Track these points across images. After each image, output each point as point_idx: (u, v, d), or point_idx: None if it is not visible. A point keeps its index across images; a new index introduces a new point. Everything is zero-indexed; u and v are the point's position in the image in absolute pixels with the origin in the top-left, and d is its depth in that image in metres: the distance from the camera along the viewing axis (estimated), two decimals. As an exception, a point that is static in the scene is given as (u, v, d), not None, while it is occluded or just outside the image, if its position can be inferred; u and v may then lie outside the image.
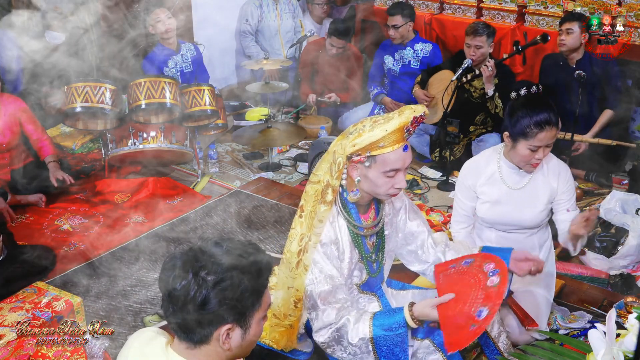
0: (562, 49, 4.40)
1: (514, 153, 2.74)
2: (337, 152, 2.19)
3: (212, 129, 4.81)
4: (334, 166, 2.19)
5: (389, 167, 2.16)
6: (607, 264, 3.43)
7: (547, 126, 2.62)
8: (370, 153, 2.15)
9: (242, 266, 1.53)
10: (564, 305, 3.07)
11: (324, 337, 2.20)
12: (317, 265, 2.22)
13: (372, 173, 2.19)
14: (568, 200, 2.80)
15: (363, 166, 2.19)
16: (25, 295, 2.65)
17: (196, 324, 1.51)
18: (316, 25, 6.22)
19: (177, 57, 4.95)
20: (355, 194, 2.25)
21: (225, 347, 1.55)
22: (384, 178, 2.19)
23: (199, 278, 1.49)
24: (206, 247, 1.56)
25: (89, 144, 4.87)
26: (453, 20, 5.44)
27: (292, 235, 2.32)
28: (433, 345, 2.29)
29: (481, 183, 2.84)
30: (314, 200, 2.24)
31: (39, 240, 3.68)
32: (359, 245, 2.32)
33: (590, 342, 1.56)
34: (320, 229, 2.23)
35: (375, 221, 2.36)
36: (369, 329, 2.14)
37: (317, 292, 2.20)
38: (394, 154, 2.15)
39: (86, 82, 4.17)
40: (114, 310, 3.11)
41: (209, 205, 4.14)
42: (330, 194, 2.21)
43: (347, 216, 2.29)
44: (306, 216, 2.26)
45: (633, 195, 3.69)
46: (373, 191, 2.24)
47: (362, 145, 2.13)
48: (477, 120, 4.68)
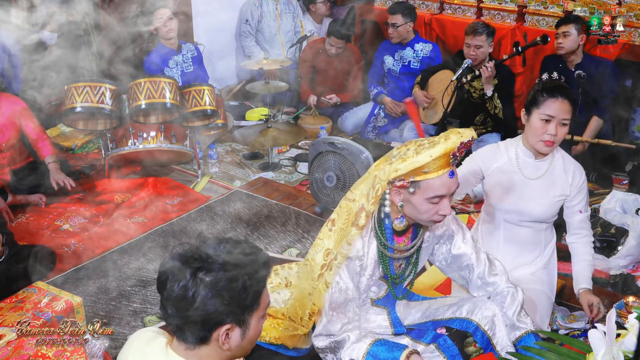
0: (561, 52, 4.40)
1: (529, 130, 2.72)
2: (378, 177, 2.13)
3: (212, 129, 4.81)
4: (372, 191, 2.14)
5: (433, 193, 2.09)
6: (607, 264, 3.43)
7: (559, 94, 2.63)
8: (414, 178, 2.08)
9: (240, 266, 1.52)
10: (564, 305, 3.07)
11: (323, 343, 2.21)
12: (335, 279, 2.22)
13: (416, 199, 2.12)
14: (580, 200, 2.80)
15: (406, 192, 2.12)
16: (25, 295, 2.65)
17: (195, 325, 1.51)
18: (316, 25, 6.22)
19: (178, 57, 4.96)
20: (401, 221, 2.20)
21: (225, 348, 1.54)
22: (428, 204, 2.12)
23: (197, 279, 1.48)
24: (204, 247, 1.55)
25: (89, 144, 4.87)
26: (453, 20, 5.44)
27: (317, 245, 2.30)
28: (438, 350, 2.30)
29: (495, 169, 2.82)
30: (346, 219, 2.21)
31: (39, 240, 3.68)
32: (384, 264, 2.28)
33: (590, 342, 1.56)
34: (347, 251, 2.19)
35: (408, 245, 2.30)
36: (363, 353, 2.14)
37: (329, 299, 2.20)
38: (438, 180, 2.08)
39: (86, 82, 4.17)
40: (114, 310, 3.11)
41: (209, 205, 4.14)
42: (363, 219, 2.17)
43: (380, 235, 2.24)
44: (336, 231, 2.25)
45: (633, 195, 3.69)
46: (415, 217, 2.19)
47: (406, 171, 2.07)
48: (477, 120, 4.68)
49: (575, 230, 2.85)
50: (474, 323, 2.34)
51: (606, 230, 3.58)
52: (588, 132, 4.38)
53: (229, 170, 4.76)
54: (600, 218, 3.66)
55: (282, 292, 2.54)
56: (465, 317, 2.37)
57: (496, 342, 2.35)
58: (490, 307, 2.36)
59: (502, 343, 2.36)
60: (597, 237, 3.55)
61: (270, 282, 2.60)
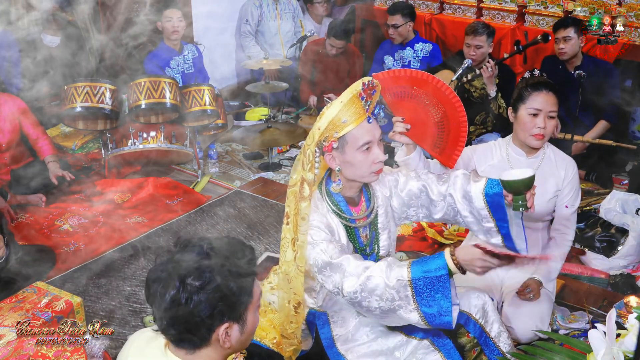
0: (564, 57, 4.34)
1: (518, 126, 2.76)
2: (306, 144, 2.20)
3: (212, 129, 4.81)
4: (305, 159, 2.20)
5: (360, 142, 2.18)
6: (607, 264, 3.43)
7: (543, 88, 2.69)
8: (338, 134, 2.17)
9: (227, 263, 1.51)
10: (564, 305, 3.07)
11: (354, 286, 2.03)
12: (317, 242, 2.17)
13: (348, 155, 2.19)
14: (568, 193, 2.81)
15: (337, 153, 2.20)
16: (25, 295, 2.65)
17: (194, 331, 1.51)
18: (316, 25, 6.22)
19: (180, 58, 4.96)
20: (338, 183, 2.26)
21: (226, 346, 1.54)
22: (360, 154, 2.19)
23: (186, 285, 1.47)
24: (185, 252, 1.53)
25: (89, 144, 4.87)
26: (453, 20, 5.44)
27: (284, 246, 2.28)
28: (432, 345, 2.29)
29: (488, 167, 2.84)
30: (295, 201, 2.23)
31: (39, 240, 3.68)
32: (352, 239, 2.32)
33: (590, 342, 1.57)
34: (305, 227, 2.20)
35: (366, 212, 2.34)
36: (407, 272, 2.00)
37: (328, 254, 2.11)
38: (360, 128, 2.18)
39: (86, 82, 4.17)
40: (114, 310, 3.11)
41: (209, 205, 4.14)
42: (307, 189, 2.20)
43: (337, 210, 2.29)
44: (292, 221, 2.24)
45: (633, 195, 3.68)
46: (356, 174, 2.24)
47: (326, 125, 2.15)
48: (477, 120, 4.68)
49: (556, 226, 2.87)
50: (465, 314, 2.33)
51: (606, 230, 3.58)
52: (593, 133, 4.36)
53: (229, 170, 4.76)
54: (600, 218, 3.66)
55: (279, 292, 2.54)
56: None
57: (489, 330, 2.36)
58: (480, 296, 2.37)
59: (496, 330, 2.36)
60: (597, 237, 3.55)
61: (270, 282, 2.60)
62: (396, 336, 2.33)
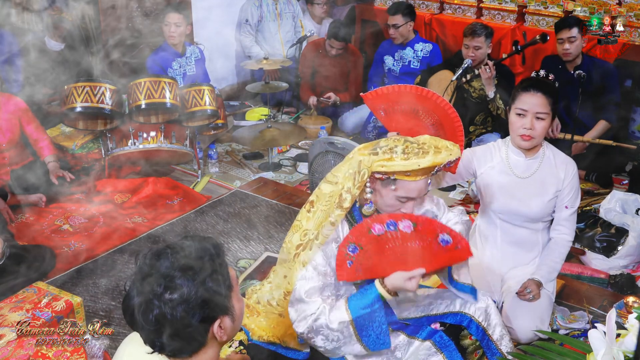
0: (568, 58, 4.31)
1: (509, 126, 2.78)
2: (363, 163, 2.17)
3: (212, 129, 4.80)
4: (358, 176, 2.18)
5: (405, 194, 2.18)
6: (607, 264, 3.43)
7: (532, 89, 2.69)
8: (395, 176, 2.16)
9: (199, 265, 1.50)
10: (564, 305, 3.07)
11: (303, 327, 2.18)
12: (311, 263, 2.22)
13: (387, 192, 2.20)
14: (568, 194, 2.81)
15: (380, 183, 2.20)
16: (25, 295, 2.65)
17: (191, 339, 1.51)
18: (316, 25, 6.22)
19: (182, 60, 4.96)
20: (370, 207, 2.25)
21: (223, 339, 1.57)
22: (396, 201, 2.21)
23: (166, 301, 1.45)
24: (153, 267, 1.49)
25: (89, 144, 4.87)
26: (453, 20, 5.44)
27: (295, 227, 2.31)
28: (434, 347, 2.29)
29: (488, 168, 2.85)
30: (328, 201, 2.23)
31: (39, 240, 3.68)
32: None
33: (590, 342, 1.57)
34: (330, 232, 2.22)
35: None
36: (346, 312, 2.14)
37: (306, 288, 2.19)
38: (415, 184, 2.17)
39: (86, 82, 4.17)
40: (114, 310, 3.11)
41: (209, 205, 4.14)
42: (348, 202, 2.20)
43: (351, 220, 2.29)
44: (315, 213, 2.25)
45: (633, 195, 3.69)
46: (379, 206, 2.27)
47: (391, 170, 2.14)
48: (477, 120, 4.68)
49: (556, 226, 2.87)
50: (468, 316, 2.35)
51: (606, 230, 3.58)
52: (593, 133, 4.35)
53: (229, 170, 4.76)
54: (600, 218, 3.66)
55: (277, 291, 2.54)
56: (459, 310, 2.38)
57: (492, 333, 2.37)
58: (482, 299, 2.38)
59: (498, 333, 2.37)
60: (597, 237, 3.55)
61: (270, 282, 2.60)
62: (398, 337, 2.33)
